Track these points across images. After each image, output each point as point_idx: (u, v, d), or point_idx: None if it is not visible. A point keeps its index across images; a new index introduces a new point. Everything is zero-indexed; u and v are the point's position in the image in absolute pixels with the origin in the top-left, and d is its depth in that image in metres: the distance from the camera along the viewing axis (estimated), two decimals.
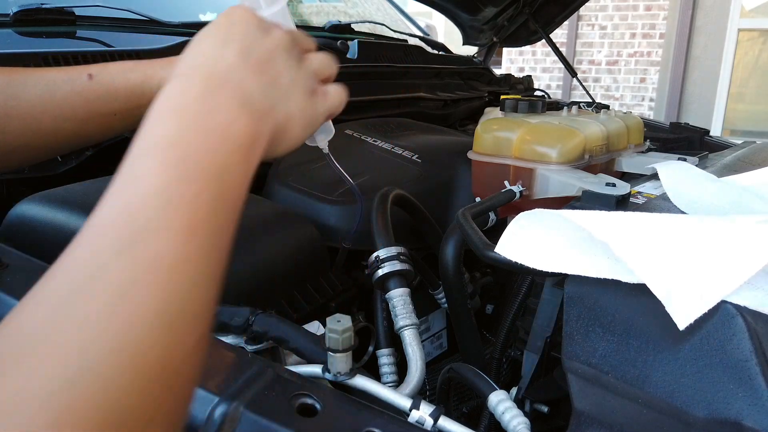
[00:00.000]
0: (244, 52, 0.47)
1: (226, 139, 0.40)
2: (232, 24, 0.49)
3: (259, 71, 0.47)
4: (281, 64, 0.49)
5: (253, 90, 0.45)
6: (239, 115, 0.42)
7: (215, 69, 0.44)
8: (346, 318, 0.54)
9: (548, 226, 0.56)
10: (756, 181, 0.77)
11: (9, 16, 1.03)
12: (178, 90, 0.42)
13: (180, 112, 0.40)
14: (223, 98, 0.42)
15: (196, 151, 0.37)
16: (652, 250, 0.48)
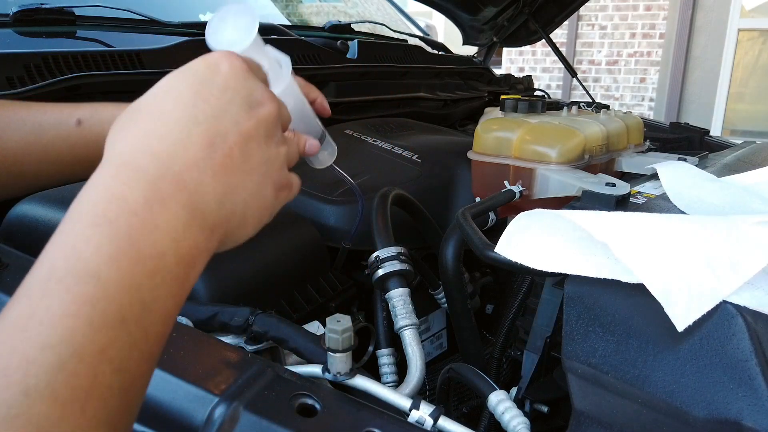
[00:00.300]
0: (215, 141, 0.37)
1: (160, 270, 0.33)
2: (212, 85, 0.39)
3: (225, 171, 0.38)
4: (256, 156, 0.40)
5: (210, 199, 0.37)
6: (184, 235, 0.34)
7: (170, 166, 0.35)
8: (346, 318, 0.54)
9: (548, 226, 0.56)
10: (756, 181, 0.77)
11: (9, 16, 1.03)
12: (114, 189, 0.33)
13: (109, 226, 0.31)
14: (171, 211, 0.34)
15: (118, 287, 0.30)
16: (651, 251, 0.48)
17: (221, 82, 0.40)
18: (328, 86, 1.34)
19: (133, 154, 0.35)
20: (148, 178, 0.34)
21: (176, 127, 0.37)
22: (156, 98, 0.38)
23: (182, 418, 0.47)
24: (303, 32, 1.47)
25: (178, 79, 0.39)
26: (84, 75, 0.93)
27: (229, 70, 0.40)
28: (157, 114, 0.37)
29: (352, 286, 0.88)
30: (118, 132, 0.37)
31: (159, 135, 0.36)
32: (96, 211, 0.32)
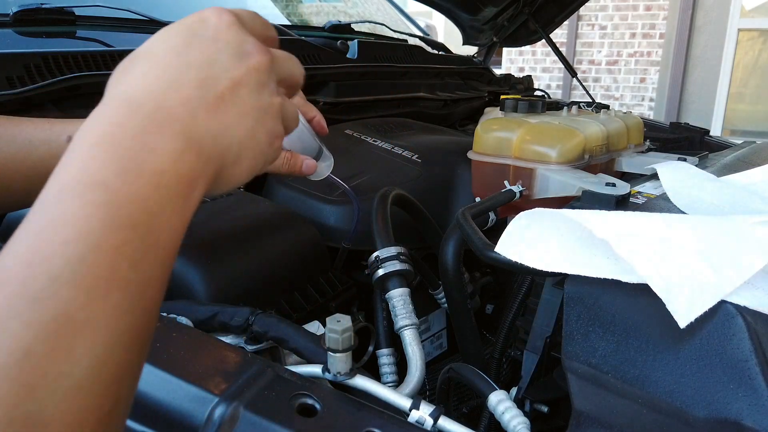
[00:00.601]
0: (207, 83, 0.40)
1: (163, 185, 0.35)
2: (202, 37, 0.42)
3: (218, 110, 0.40)
4: (248, 101, 0.42)
5: (205, 132, 0.39)
6: (181, 158, 0.37)
7: (163, 101, 0.38)
8: (346, 318, 0.54)
9: (548, 226, 0.56)
10: (756, 180, 0.77)
11: (9, 16, 1.03)
12: (113, 118, 0.36)
13: (111, 146, 0.34)
14: (166, 137, 0.37)
15: (126, 195, 0.33)
16: (652, 249, 0.48)
17: (212, 33, 0.42)
18: (328, 86, 1.34)
19: (129, 92, 0.38)
20: (144, 110, 0.37)
21: (169, 70, 0.39)
22: (152, 46, 0.41)
23: (182, 418, 0.47)
24: (303, 32, 1.47)
25: (172, 31, 0.42)
26: (84, 75, 0.93)
27: (218, 22, 0.42)
28: (153, 59, 0.40)
29: (352, 286, 0.88)
30: (118, 77, 0.40)
31: (154, 75, 0.39)
32: (98, 133, 0.35)
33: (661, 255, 0.48)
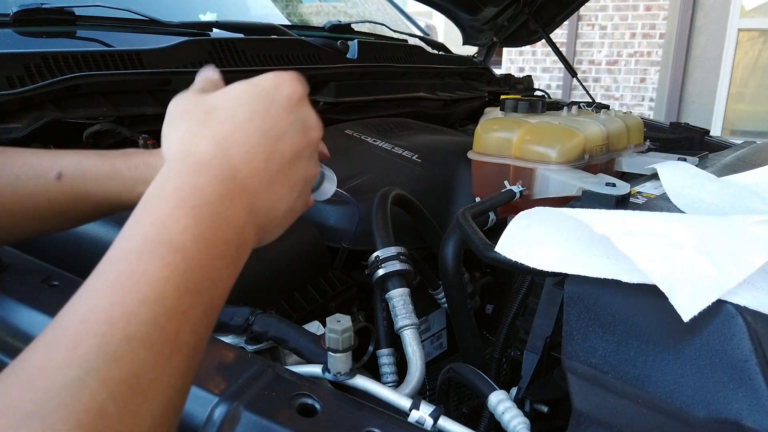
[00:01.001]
0: (273, 156, 0.43)
1: (227, 254, 0.38)
2: (279, 107, 0.44)
3: (276, 182, 0.43)
4: (299, 173, 0.46)
5: (262, 205, 0.42)
6: (244, 229, 0.40)
7: (238, 171, 0.40)
8: (346, 318, 0.54)
9: (548, 226, 0.56)
10: (756, 181, 0.77)
11: (9, 16, 1.03)
12: (194, 181, 0.38)
13: (192, 211, 0.36)
14: (237, 208, 0.39)
15: (198, 261, 0.35)
16: (653, 246, 0.48)
17: (287, 104, 0.45)
18: (328, 86, 1.34)
19: (211, 155, 0.40)
20: (222, 178, 0.39)
21: (248, 138, 0.42)
22: (231, 105, 0.43)
23: (182, 417, 0.47)
24: (303, 32, 1.47)
25: (251, 93, 0.44)
26: (84, 75, 0.93)
27: (292, 93, 0.46)
28: (233, 122, 0.42)
29: (352, 286, 0.88)
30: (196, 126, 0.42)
31: (234, 141, 0.41)
32: (181, 196, 0.37)
33: (662, 252, 0.48)
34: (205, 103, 0.44)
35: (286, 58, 1.26)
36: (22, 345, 0.54)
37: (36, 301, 0.58)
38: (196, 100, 0.45)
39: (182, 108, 0.45)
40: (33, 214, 0.56)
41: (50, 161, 0.56)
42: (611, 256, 0.50)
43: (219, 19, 1.39)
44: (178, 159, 0.40)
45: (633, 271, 0.48)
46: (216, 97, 0.45)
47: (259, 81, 0.45)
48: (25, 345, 0.30)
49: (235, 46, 1.17)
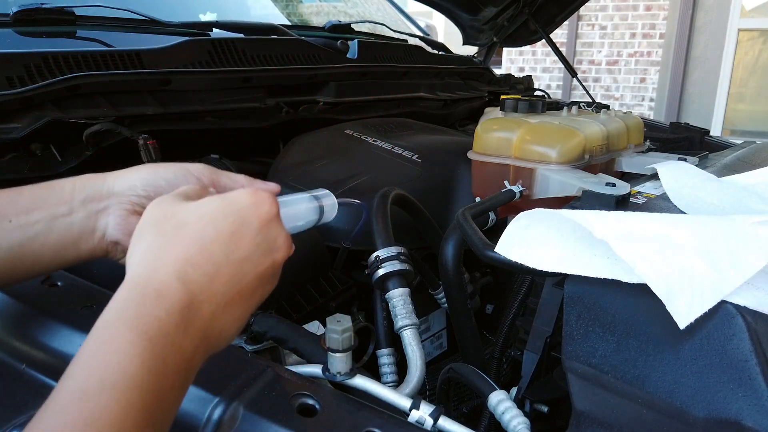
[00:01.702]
0: (235, 279, 0.43)
1: (178, 384, 0.39)
2: (249, 227, 0.44)
3: (234, 305, 0.43)
4: (258, 294, 0.46)
5: (216, 328, 0.42)
6: (195, 355, 0.40)
7: (197, 295, 0.40)
8: (346, 318, 0.54)
9: (548, 226, 0.56)
10: (756, 181, 0.77)
11: (9, 16, 1.03)
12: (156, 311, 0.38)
13: (150, 344, 0.37)
14: (190, 336, 0.40)
15: (153, 395, 0.36)
16: (652, 249, 0.48)
17: (257, 225, 0.45)
18: (328, 86, 1.34)
19: (169, 279, 0.40)
20: (179, 305, 0.39)
21: (211, 261, 0.42)
22: (200, 224, 0.43)
23: (182, 417, 0.47)
24: (303, 32, 1.47)
25: (222, 212, 0.44)
26: (84, 75, 0.93)
27: (266, 215, 0.46)
28: (199, 243, 0.42)
29: (352, 286, 0.88)
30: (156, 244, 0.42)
31: (195, 263, 0.42)
32: (140, 328, 0.37)
33: (661, 255, 0.48)
34: (175, 217, 0.44)
35: (286, 58, 1.26)
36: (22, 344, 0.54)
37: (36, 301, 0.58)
38: (170, 211, 0.44)
39: (154, 219, 0.44)
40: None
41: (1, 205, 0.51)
42: (611, 256, 0.50)
43: (219, 19, 1.39)
44: (140, 284, 0.40)
45: (633, 271, 0.48)
46: (188, 211, 0.44)
47: (233, 198, 0.45)
48: (24, 344, 0.30)
49: (235, 46, 1.17)
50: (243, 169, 1.06)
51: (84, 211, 0.52)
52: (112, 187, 0.53)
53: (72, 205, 0.51)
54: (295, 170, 1.03)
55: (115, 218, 0.52)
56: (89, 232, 0.52)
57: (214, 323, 0.42)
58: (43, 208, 0.51)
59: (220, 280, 0.42)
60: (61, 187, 0.52)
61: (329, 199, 0.62)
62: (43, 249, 0.51)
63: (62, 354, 0.52)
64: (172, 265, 0.41)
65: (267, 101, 1.21)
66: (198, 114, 1.10)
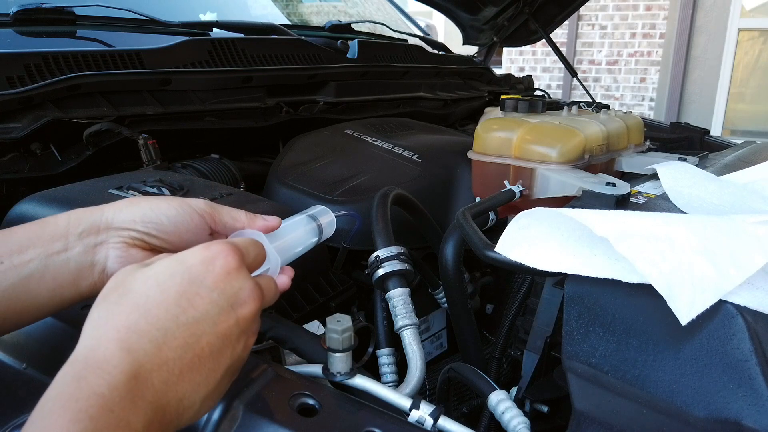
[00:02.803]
0: (189, 342, 0.39)
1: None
2: (201, 285, 0.41)
3: (192, 370, 0.40)
4: (225, 355, 0.42)
5: (172, 397, 0.39)
6: (149, 428, 0.36)
7: (143, 364, 0.37)
8: (346, 318, 0.54)
9: (548, 226, 0.56)
10: (755, 177, 0.77)
11: (9, 16, 1.03)
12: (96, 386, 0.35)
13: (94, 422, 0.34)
14: (139, 410, 0.36)
15: None
16: (652, 247, 0.48)
17: (211, 282, 0.42)
18: (328, 86, 1.34)
19: (112, 350, 0.37)
20: (124, 376, 0.36)
21: (156, 326, 0.39)
22: (143, 288, 0.40)
23: None
24: (303, 32, 1.47)
25: (167, 272, 0.41)
26: (84, 75, 0.93)
27: (222, 269, 0.42)
28: (143, 308, 0.39)
29: (352, 286, 0.88)
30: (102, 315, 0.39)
31: (139, 330, 0.38)
32: (78, 407, 0.34)
33: (661, 253, 0.48)
34: (123, 285, 0.41)
35: (286, 58, 1.26)
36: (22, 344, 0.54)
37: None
38: (120, 279, 0.41)
39: (106, 290, 0.41)
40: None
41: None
42: (611, 256, 0.50)
43: (219, 19, 1.39)
44: (78, 359, 0.37)
45: (633, 270, 0.48)
46: (135, 277, 0.41)
47: (182, 257, 0.42)
48: (24, 344, 0.29)
49: (235, 45, 1.17)
50: (243, 169, 1.06)
51: (81, 245, 0.49)
52: (110, 220, 0.50)
53: (68, 240, 0.49)
54: (295, 170, 1.03)
55: (116, 251, 0.49)
56: (88, 267, 0.49)
57: (168, 393, 0.38)
58: (37, 245, 0.48)
59: (169, 345, 0.39)
60: (55, 222, 0.49)
61: (327, 216, 0.62)
62: (39, 289, 0.47)
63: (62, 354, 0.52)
64: (114, 335, 0.38)
65: (267, 101, 1.21)
66: (198, 114, 1.10)
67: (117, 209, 0.51)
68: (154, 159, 0.93)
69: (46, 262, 0.48)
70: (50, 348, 0.53)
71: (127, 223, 0.50)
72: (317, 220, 0.60)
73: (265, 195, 1.00)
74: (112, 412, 0.35)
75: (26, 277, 0.47)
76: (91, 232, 0.49)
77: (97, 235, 0.50)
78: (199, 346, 0.40)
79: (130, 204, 0.52)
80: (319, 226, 0.60)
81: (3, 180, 0.86)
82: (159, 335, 0.39)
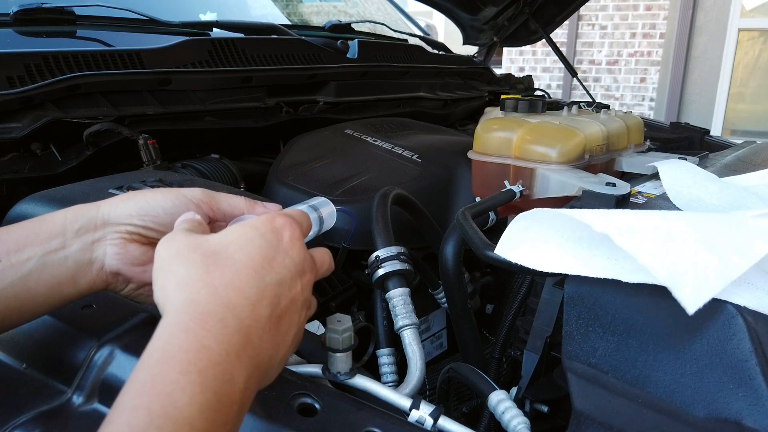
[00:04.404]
0: (274, 302, 0.42)
1: (230, 418, 0.37)
2: (278, 251, 0.44)
3: (277, 328, 0.43)
4: (297, 315, 0.45)
5: (265, 353, 0.41)
6: (247, 384, 0.39)
7: (243, 320, 0.39)
8: (346, 318, 0.54)
9: (548, 226, 0.56)
10: (757, 182, 0.77)
11: (9, 16, 1.03)
12: (204, 339, 0.37)
13: (198, 377, 0.35)
14: (242, 364, 0.38)
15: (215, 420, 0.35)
16: (653, 240, 0.48)
17: (283, 249, 0.45)
18: (328, 86, 1.34)
19: (214, 305, 0.39)
20: (227, 331, 0.38)
21: (248, 285, 0.41)
22: (229, 250, 0.43)
23: None
24: (303, 32, 1.47)
25: (247, 237, 0.44)
26: (84, 75, 0.93)
27: (289, 238, 0.46)
28: (234, 268, 0.42)
29: (352, 285, 0.88)
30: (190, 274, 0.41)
31: (236, 287, 0.41)
32: (187, 359, 0.36)
33: (662, 245, 0.47)
34: (202, 246, 0.43)
35: (286, 57, 1.26)
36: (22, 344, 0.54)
37: None
38: (192, 242, 0.43)
39: (176, 251, 0.43)
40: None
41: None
42: (611, 256, 0.50)
43: (219, 18, 1.39)
44: (180, 311, 0.39)
45: (633, 271, 0.48)
46: (212, 241, 0.43)
47: (255, 224, 0.45)
48: (24, 344, 0.29)
49: (235, 45, 1.17)
50: (243, 169, 1.06)
51: (79, 242, 0.49)
52: (107, 215, 0.50)
53: (65, 238, 0.49)
54: (295, 170, 1.03)
55: (113, 247, 0.50)
56: (86, 264, 0.49)
57: (262, 350, 0.41)
58: (35, 243, 0.48)
59: (261, 303, 0.41)
60: (52, 220, 0.50)
61: (328, 207, 0.61)
62: (38, 287, 0.48)
63: (63, 354, 0.52)
64: (212, 291, 0.40)
65: (267, 101, 1.21)
66: (198, 114, 1.10)
67: (113, 204, 0.51)
68: (154, 159, 0.93)
69: (44, 261, 0.48)
70: (50, 348, 0.53)
71: (123, 218, 0.50)
72: (318, 210, 0.60)
73: (265, 195, 1.00)
74: (218, 366, 0.36)
75: (25, 275, 0.47)
76: (89, 229, 0.50)
77: (95, 232, 0.50)
78: (280, 307, 0.43)
79: (126, 199, 0.52)
80: (320, 217, 0.60)
81: (3, 180, 0.86)
82: (252, 293, 0.41)
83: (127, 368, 0.49)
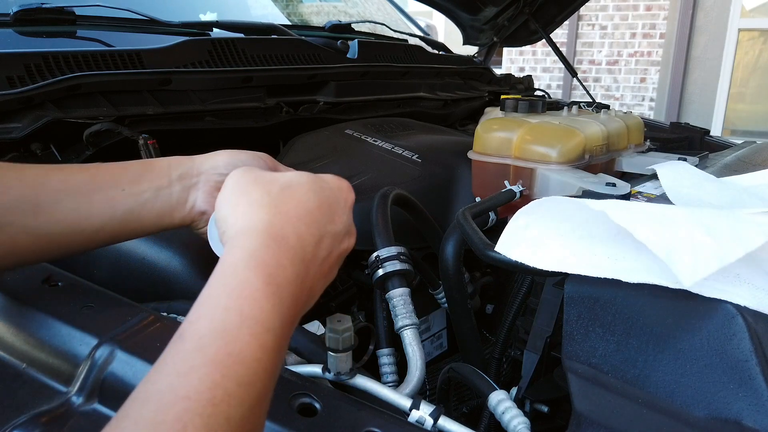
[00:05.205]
0: (329, 249, 0.48)
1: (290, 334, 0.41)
2: (338, 207, 0.50)
3: (326, 272, 0.48)
4: (335, 269, 0.50)
5: (316, 289, 0.46)
6: (304, 309, 0.44)
7: (308, 254, 0.44)
8: (346, 318, 0.54)
9: (548, 226, 0.56)
10: (756, 183, 0.77)
11: (9, 16, 1.03)
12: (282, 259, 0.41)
13: (278, 289, 0.40)
14: (306, 290, 0.43)
15: (281, 344, 0.38)
16: (651, 219, 0.48)
17: (342, 207, 0.51)
18: (328, 86, 1.34)
19: (288, 231, 0.44)
20: (298, 259, 0.43)
21: (316, 225, 0.46)
22: (303, 189, 0.48)
23: None
24: (303, 32, 1.47)
25: (318, 185, 0.49)
26: (84, 75, 0.93)
27: (348, 201, 0.52)
28: (305, 205, 0.47)
29: (352, 286, 0.88)
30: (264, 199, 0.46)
31: (306, 223, 0.46)
32: (269, 272, 0.40)
33: (659, 224, 0.48)
34: (278, 180, 0.48)
35: (286, 58, 1.26)
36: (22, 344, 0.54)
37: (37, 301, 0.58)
38: (268, 176, 0.48)
39: (253, 179, 0.48)
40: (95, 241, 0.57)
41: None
42: (611, 256, 0.50)
43: (219, 19, 1.39)
44: (258, 229, 0.43)
45: (633, 270, 0.49)
46: (287, 177, 0.49)
47: (323, 177, 0.51)
48: (24, 344, 0.29)
49: (235, 45, 1.17)
50: None
51: (179, 185, 0.59)
52: (200, 166, 0.60)
53: (170, 179, 0.58)
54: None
55: (203, 193, 0.59)
56: (182, 203, 0.59)
57: (315, 285, 0.45)
58: (149, 180, 0.57)
59: (321, 246, 0.46)
60: (159, 165, 0.59)
61: None
62: (150, 215, 0.57)
63: (63, 354, 0.52)
64: (288, 220, 0.44)
65: (267, 101, 1.21)
66: (198, 114, 1.10)
67: (204, 159, 0.61)
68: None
69: (156, 194, 0.57)
70: (50, 348, 0.53)
71: (212, 168, 0.60)
72: None
73: None
74: (291, 285, 0.41)
75: (141, 204, 0.57)
76: (187, 176, 0.59)
77: (191, 179, 0.59)
78: (333, 255, 0.48)
79: (215, 155, 0.62)
80: None
81: None
82: (316, 233, 0.46)
83: (128, 368, 0.49)
